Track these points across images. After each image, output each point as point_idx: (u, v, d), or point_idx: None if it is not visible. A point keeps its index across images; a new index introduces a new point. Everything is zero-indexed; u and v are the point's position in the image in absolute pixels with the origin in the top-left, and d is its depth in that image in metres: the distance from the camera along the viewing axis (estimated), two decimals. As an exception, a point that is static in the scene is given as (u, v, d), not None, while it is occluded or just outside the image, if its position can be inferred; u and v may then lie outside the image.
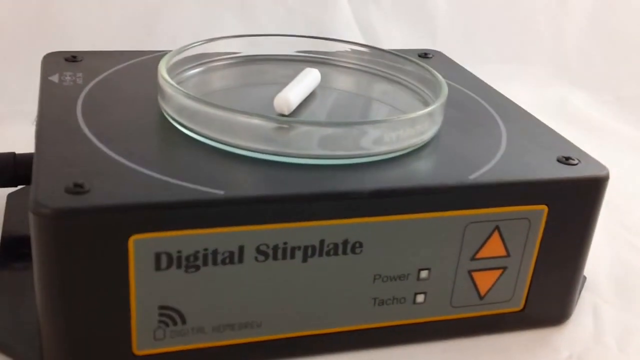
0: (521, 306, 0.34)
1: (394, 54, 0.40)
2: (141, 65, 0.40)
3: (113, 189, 0.28)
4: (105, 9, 0.59)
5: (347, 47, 0.42)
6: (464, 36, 0.67)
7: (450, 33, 0.68)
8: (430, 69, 0.38)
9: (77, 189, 0.27)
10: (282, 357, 0.32)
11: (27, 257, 0.36)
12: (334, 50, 0.42)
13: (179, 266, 0.29)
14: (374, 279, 0.31)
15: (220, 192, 0.28)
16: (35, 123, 0.34)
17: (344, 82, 0.41)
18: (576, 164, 0.33)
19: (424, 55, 0.45)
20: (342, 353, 0.33)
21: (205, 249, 0.29)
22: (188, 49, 0.38)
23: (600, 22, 0.67)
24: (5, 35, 0.57)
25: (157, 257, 0.28)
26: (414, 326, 0.33)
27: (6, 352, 0.31)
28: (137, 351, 0.30)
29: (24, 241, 0.37)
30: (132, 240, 0.27)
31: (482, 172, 0.32)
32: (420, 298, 0.33)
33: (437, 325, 0.34)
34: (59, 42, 0.53)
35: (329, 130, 0.31)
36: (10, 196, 0.42)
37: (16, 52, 0.57)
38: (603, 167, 0.33)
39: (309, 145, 0.31)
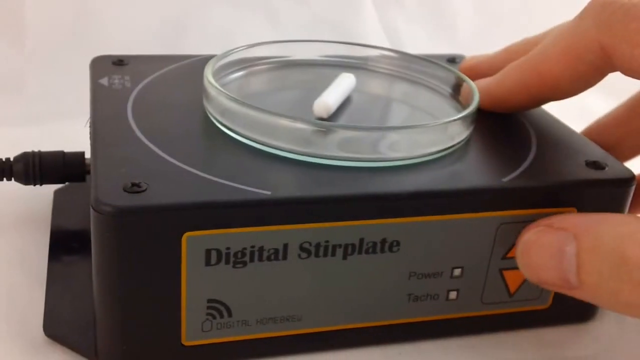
0: (548, 304, 0.36)
1: (425, 59, 0.42)
2: (185, 69, 0.41)
3: (168, 189, 0.29)
4: (137, 13, 0.61)
5: (379, 52, 0.43)
6: (487, 40, 0.68)
7: (473, 37, 0.69)
8: (462, 74, 0.39)
9: (135, 188, 0.29)
10: (321, 350, 0.34)
11: (77, 250, 0.38)
12: (365, 55, 0.43)
13: (227, 262, 0.30)
14: (410, 276, 0.33)
15: (267, 193, 0.30)
16: (88, 125, 0.35)
17: (377, 86, 0.42)
18: (604, 168, 0.34)
19: (452, 60, 0.46)
20: (377, 346, 0.34)
21: (252, 246, 0.30)
22: (232, 53, 0.39)
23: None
24: (46, 39, 0.58)
25: (208, 253, 0.30)
26: (446, 321, 0.35)
27: (61, 342, 0.33)
28: (186, 342, 0.31)
29: (73, 235, 0.39)
30: (186, 237, 0.29)
31: (514, 175, 0.33)
32: (452, 295, 0.34)
33: (468, 320, 0.35)
34: (95, 44, 0.55)
35: (369, 134, 0.33)
36: (56, 192, 0.43)
37: (57, 54, 0.58)
38: (628, 170, 0.34)
39: (350, 148, 0.32)
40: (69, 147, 0.40)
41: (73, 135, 0.44)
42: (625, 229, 0.29)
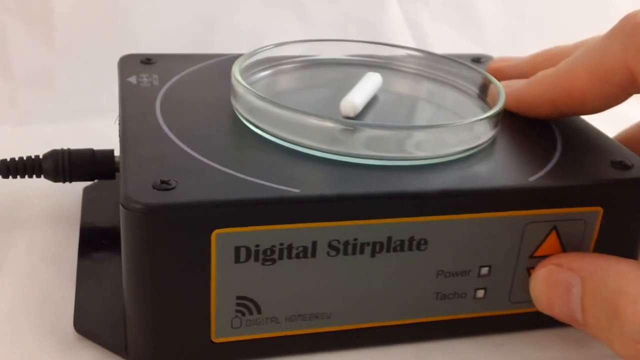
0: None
1: (451, 59, 0.42)
2: (213, 67, 0.42)
3: (197, 186, 0.29)
4: (166, 11, 0.61)
5: (405, 52, 0.43)
6: (513, 39, 0.68)
7: (499, 36, 0.69)
8: (488, 74, 0.39)
9: (164, 186, 0.29)
10: (349, 347, 0.34)
11: (106, 248, 0.38)
12: (391, 54, 0.43)
13: (256, 259, 0.30)
14: (437, 274, 0.33)
15: (296, 191, 0.30)
16: (117, 122, 0.36)
17: (403, 86, 0.42)
18: (630, 168, 0.34)
19: (477, 60, 0.46)
20: (404, 344, 0.35)
21: (281, 244, 0.30)
22: (259, 52, 0.39)
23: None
24: (75, 35, 0.59)
25: (237, 250, 0.30)
26: (474, 320, 0.35)
27: (92, 338, 0.33)
28: (215, 339, 0.31)
29: (103, 232, 0.40)
30: (215, 235, 0.29)
31: (541, 175, 0.33)
32: (480, 293, 0.34)
33: (496, 319, 0.35)
34: (124, 41, 0.55)
35: (396, 133, 0.33)
36: (85, 190, 0.44)
37: (86, 51, 0.58)
38: None
39: (378, 147, 0.32)
40: (98, 144, 0.41)
41: (102, 133, 0.44)
42: (623, 282, 0.29)
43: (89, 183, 0.44)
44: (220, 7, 0.62)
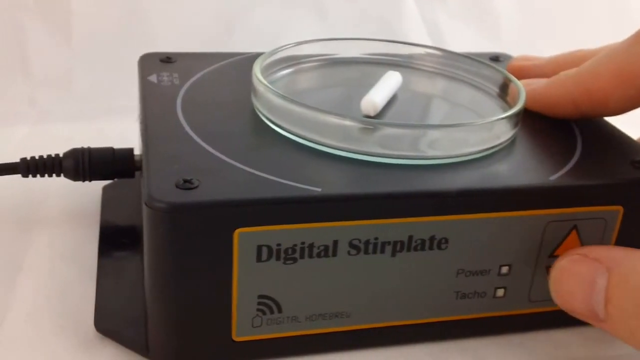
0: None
1: (470, 57, 0.42)
2: (232, 66, 0.42)
3: (219, 185, 0.30)
4: (184, 10, 0.61)
5: (425, 50, 0.43)
6: (530, 38, 0.68)
7: (515, 34, 0.69)
8: (508, 73, 0.39)
9: (187, 185, 0.29)
10: (369, 346, 0.34)
11: (126, 246, 0.38)
12: (410, 53, 0.43)
13: (278, 258, 0.30)
14: (457, 273, 0.33)
15: (317, 190, 0.30)
16: (139, 121, 0.36)
17: (422, 84, 0.42)
18: None
19: (496, 58, 0.46)
20: (424, 343, 0.35)
21: (303, 243, 0.30)
22: (280, 51, 0.40)
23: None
24: (93, 36, 0.59)
25: (259, 249, 0.30)
26: (493, 319, 0.35)
27: (113, 337, 0.33)
28: (236, 337, 0.32)
29: (122, 231, 0.40)
30: (237, 234, 0.29)
31: (562, 174, 0.33)
32: (500, 292, 0.34)
33: (515, 318, 0.35)
34: (142, 42, 0.55)
35: (417, 132, 0.33)
36: (105, 188, 0.44)
37: (104, 50, 0.59)
38: None
39: (398, 146, 0.33)
40: (115, 143, 0.41)
41: (120, 132, 0.44)
42: None
43: (107, 182, 0.44)
44: (238, 6, 0.62)
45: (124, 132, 0.44)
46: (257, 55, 0.38)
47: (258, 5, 0.62)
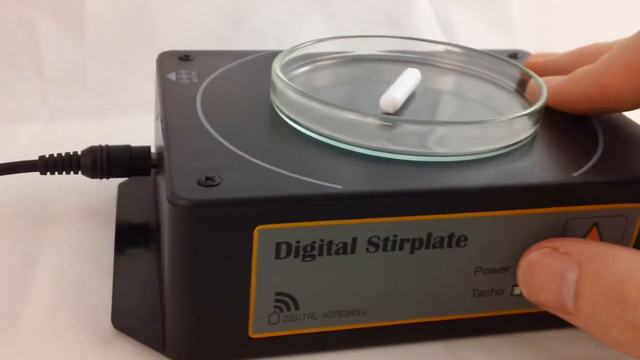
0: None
1: (489, 54, 0.42)
2: (250, 64, 0.42)
3: (240, 183, 0.30)
4: (194, 8, 0.61)
5: (442, 47, 0.43)
6: (543, 34, 0.68)
7: (529, 30, 0.69)
8: (528, 70, 0.39)
9: (209, 182, 0.29)
10: (385, 344, 0.34)
11: (142, 243, 0.38)
12: (428, 50, 0.43)
13: (296, 255, 0.30)
14: (476, 271, 0.33)
15: (338, 187, 0.30)
16: (159, 119, 0.36)
17: (441, 81, 0.42)
18: None
19: (514, 55, 0.46)
20: (441, 341, 0.35)
21: (322, 240, 0.30)
22: (299, 48, 0.39)
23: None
24: (106, 34, 0.59)
25: (278, 246, 0.30)
26: (510, 317, 0.35)
27: (129, 334, 0.33)
28: (252, 334, 0.32)
29: (138, 229, 0.40)
30: (257, 230, 0.29)
31: (583, 171, 0.33)
32: (517, 290, 0.34)
33: (532, 316, 0.35)
34: (150, 39, 0.56)
35: (438, 129, 0.33)
36: (120, 186, 0.44)
37: (117, 48, 0.59)
38: None
39: (418, 143, 0.32)
40: (127, 140, 0.41)
41: (133, 129, 0.44)
42: (629, 267, 0.29)
43: (123, 179, 0.44)
44: (246, 4, 0.62)
45: (135, 130, 0.44)
46: (275, 53, 0.38)
47: (265, 3, 0.62)
